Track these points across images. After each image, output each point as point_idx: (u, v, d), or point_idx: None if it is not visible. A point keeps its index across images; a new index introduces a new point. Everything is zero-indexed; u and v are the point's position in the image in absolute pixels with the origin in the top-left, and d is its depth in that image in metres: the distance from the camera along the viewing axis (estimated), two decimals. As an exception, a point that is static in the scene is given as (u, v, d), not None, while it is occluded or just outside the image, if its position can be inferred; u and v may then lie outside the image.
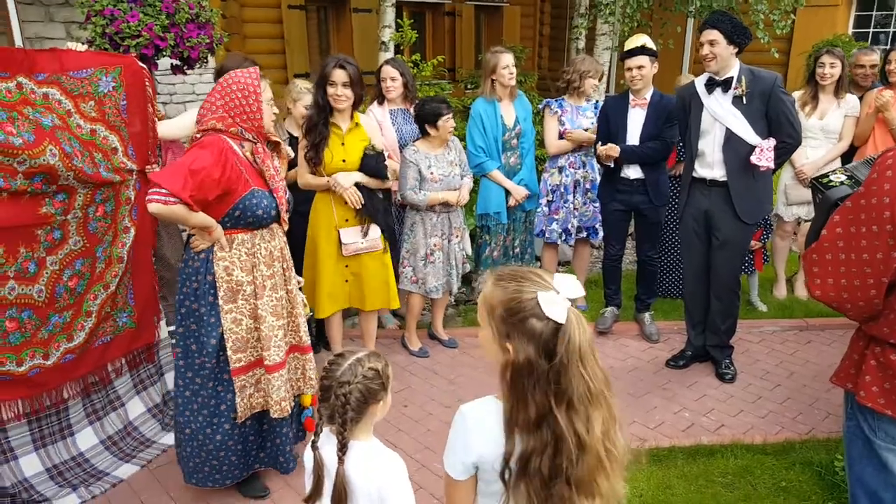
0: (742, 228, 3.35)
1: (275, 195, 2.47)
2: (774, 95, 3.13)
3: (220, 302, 2.39)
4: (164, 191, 2.16)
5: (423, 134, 3.61)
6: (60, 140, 2.47)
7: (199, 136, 2.38)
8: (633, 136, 3.74)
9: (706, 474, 2.79)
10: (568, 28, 9.12)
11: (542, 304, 1.22)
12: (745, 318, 4.07)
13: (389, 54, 5.95)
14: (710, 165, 3.33)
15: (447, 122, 3.54)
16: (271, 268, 2.48)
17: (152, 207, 2.18)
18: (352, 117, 3.24)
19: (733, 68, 3.18)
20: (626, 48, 3.65)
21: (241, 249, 2.41)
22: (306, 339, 2.67)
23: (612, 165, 3.75)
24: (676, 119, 3.65)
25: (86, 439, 2.85)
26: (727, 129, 3.21)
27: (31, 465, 2.65)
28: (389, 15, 5.90)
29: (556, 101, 4.21)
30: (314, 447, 1.60)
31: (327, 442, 1.59)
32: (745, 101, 3.16)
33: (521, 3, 9.51)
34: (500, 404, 1.31)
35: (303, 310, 2.68)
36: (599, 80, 4.31)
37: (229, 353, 2.43)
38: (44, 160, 2.38)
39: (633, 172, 3.78)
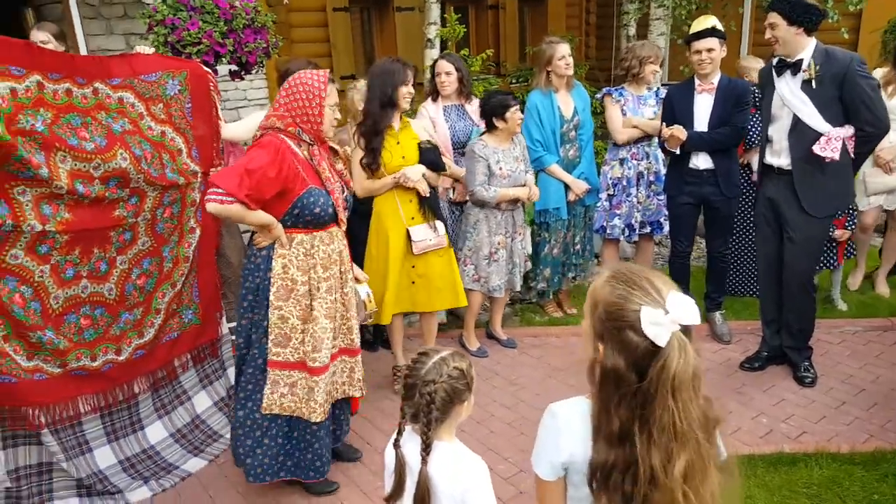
0: (809, 221, 3.13)
1: (331, 195, 2.47)
2: (849, 79, 2.88)
3: (272, 298, 2.41)
4: (220, 190, 2.20)
5: (490, 128, 3.53)
6: (130, 144, 2.56)
7: (258, 134, 2.41)
8: (702, 123, 3.56)
9: (789, 484, 2.63)
10: (616, 16, 8.87)
11: (643, 320, 1.12)
12: (823, 316, 3.84)
13: (436, 51, 5.89)
14: (779, 153, 3.15)
15: (515, 113, 3.45)
16: (328, 270, 2.49)
17: (210, 207, 2.23)
18: (400, 117, 3.21)
19: (805, 50, 2.97)
20: (693, 30, 3.47)
21: (299, 249, 2.43)
22: (357, 342, 2.66)
23: (679, 152, 3.58)
24: (747, 103, 3.47)
25: (156, 433, 2.93)
26: (794, 114, 3.02)
27: (104, 457, 2.73)
28: (434, 11, 5.84)
29: (616, 89, 4.06)
30: (396, 446, 1.57)
31: (409, 441, 1.57)
32: (814, 86, 2.94)
33: (566, -8, 9.31)
34: (590, 405, 1.24)
35: (368, 306, 2.69)
36: (660, 66, 4.14)
37: (269, 345, 2.44)
38: (115, 164, 2.46)
39: (702, 162, 3.60)
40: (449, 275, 3.33)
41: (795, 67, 2.99)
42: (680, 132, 3.48)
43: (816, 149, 2.93)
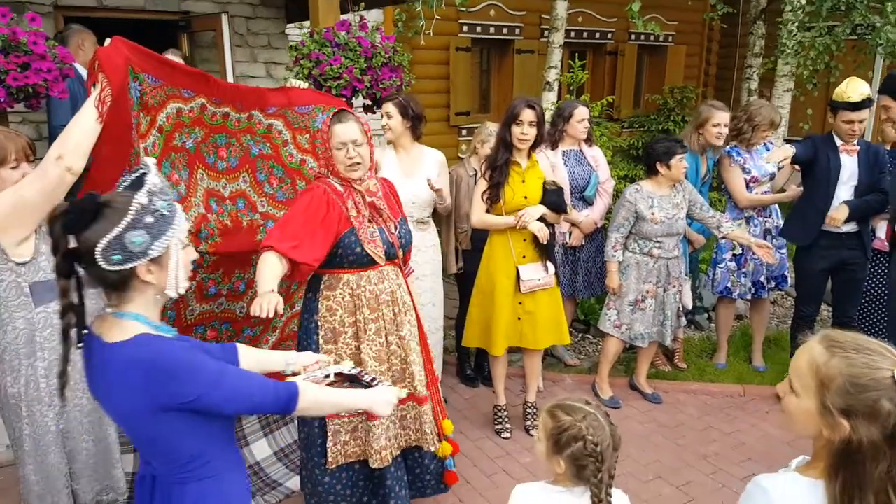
0: None
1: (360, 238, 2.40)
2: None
3: (321, 342, 2.39)
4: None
5: (651, 173, 3.49)
6: (258, 169, 2.70)
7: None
8: (845, 185, 3.44)
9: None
10: (737, 68, 8.63)
11: None
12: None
13: (554, 94, 5.98)
14: None
15: (681, 161, 3.37)
16: (376, 311, 2.43)
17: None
18: (529, 156, 3.26)
19: None
20: (849, 98, 3.32)
21: (345, 290, 2.39)
22: (421, 390, 2.50)
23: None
24: (886, 166, 3.37)
25: (261, 450, 2.99)
26: None
27: None
28: (556, 55, 5.94)
29: (734, 149, 3.85)
30: None
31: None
32: None
33: (687, 42, 9.19)
34: (812, 482, 1.18)
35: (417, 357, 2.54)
36: (773, 129, 3.93)
37: None
38: (236, 186, 2.62)
39: (844, 225, 3.43)
40: (555, 313, 3.33)
41: None
42: (842, 213, 3.36)
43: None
